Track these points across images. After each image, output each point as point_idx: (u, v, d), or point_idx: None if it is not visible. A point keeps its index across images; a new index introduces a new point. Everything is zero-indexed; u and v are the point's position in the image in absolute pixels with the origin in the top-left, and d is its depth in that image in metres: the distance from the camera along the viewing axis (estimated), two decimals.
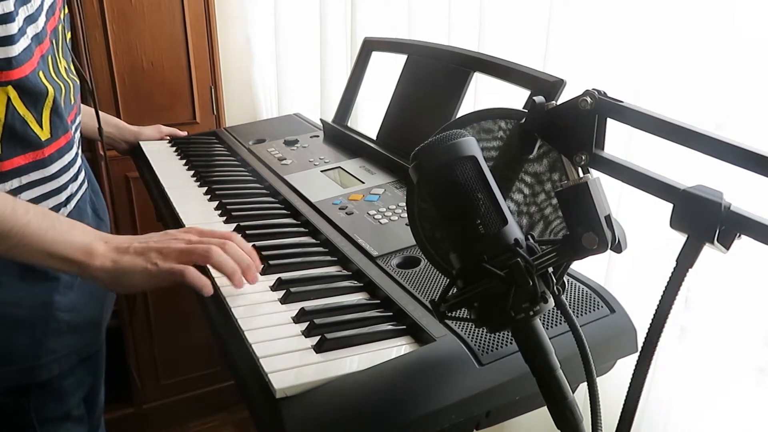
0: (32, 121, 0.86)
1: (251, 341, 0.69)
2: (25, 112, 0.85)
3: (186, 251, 0.79)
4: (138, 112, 1.83)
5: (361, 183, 1.13)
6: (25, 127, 0.85)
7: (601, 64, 0.97)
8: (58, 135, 0.91)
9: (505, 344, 0.67)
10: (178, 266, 0.78)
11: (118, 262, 0.77)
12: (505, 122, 0.63)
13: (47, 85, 0.88)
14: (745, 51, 0.80)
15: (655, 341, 0.51)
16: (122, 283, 0.79)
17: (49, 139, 0.89)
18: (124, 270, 0.77)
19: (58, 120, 0.90)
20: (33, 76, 0.84)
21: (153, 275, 0.78)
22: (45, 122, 0.88)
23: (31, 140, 0.86)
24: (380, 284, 0.79)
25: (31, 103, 0.86)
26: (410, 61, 1.22)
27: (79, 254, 0.77)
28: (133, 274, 0.78)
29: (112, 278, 0.78)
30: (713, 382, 0.89)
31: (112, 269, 0.77)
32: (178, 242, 0.80)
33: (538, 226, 0.63)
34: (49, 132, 0.89)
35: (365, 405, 0.61)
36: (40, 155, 0.88)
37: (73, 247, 0.77)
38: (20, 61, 0.81)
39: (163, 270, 0.77)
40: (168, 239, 0.81)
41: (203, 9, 1.83)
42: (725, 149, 0.49)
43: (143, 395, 2.08)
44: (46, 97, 0.88)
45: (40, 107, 0.87)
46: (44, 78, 0.88)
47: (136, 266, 0.77)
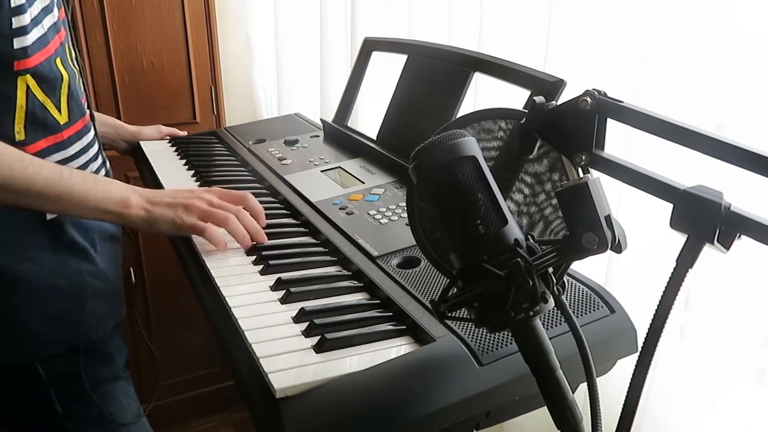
0: (51, 106, 0.94)
1: (251, 341, 0.69)
2: (44, 99, 0.93)
3: (207, 213, 0.93)
4: (138, 112, 1.83)
5: (362, 183, 1.13)
6: (45, 113, 0.93)
7: (601, 64, 0.97)
8: (76, 118, 0.99)
9: (505, 344, 0.67)
10: (200, 223, 0.92)
11: (150, 211, 0.92)
12: (505, 122, 0.63)
13: (62, 71, 0.94)
14: (745, 51, 0.80)
15: (655, 341, 0.51)
16: (153, 229, 0.94)
17: (67, 123, 0.97)
18: (156, 218, 0.92)
19: (74, 104, 0.98)
20: (47, 63, 0.91)
21: (178, 226, 0.93)
22: (63, 107, 0.96)
23: (50, 124, 0.94)
24: (380, 284, 0.79)
25: (49, 89, 0.93)
26: (410, 61, 1.22)
27: (118, 206, 0.91)
28: (162, 222, 0.93)
29: (145, 224, 0.93)
30: (713, 382, 0.89)
31: (145, 217, 0.92)
32: (201, 201, 0.94)
33: (538, 226, 0.63)
34: (67, 116, 0.97)
35: (365, 405, 0.61)
36: (59, 138, 0.96)
37: (113, 201, 0.91)
38: (34, 50, 0.88)
39: (187, 224, 0.92)
40: (193, 197, 0.94)
41: (203, 9, 1.83)
42: (725, 149, 0.49)
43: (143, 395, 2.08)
44: (62, 83, 0.95)
45: (57, 93, 0.95)
46: (61, 64, 0.95)
47: (166, 216, 0.92)
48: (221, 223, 0.92)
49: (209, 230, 0.92)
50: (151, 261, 1.94)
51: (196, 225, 0.92)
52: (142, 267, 1.94)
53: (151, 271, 1.96)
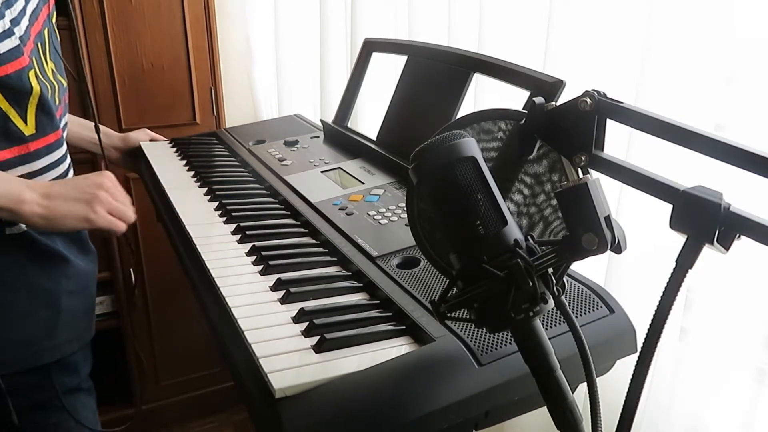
0: (15, 116, 0.92)
1: (251, 341, 0.69)
2: (8, 108, 0.90)
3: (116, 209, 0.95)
4: (138, 113, 1.83)
5: (361, 183, 1.13)
6: (7, 122, 0.91)
7: (601, 65, 0.97)
8: (47, 132, 0.97)
9: (504, 344, 0.67)
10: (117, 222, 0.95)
11: (50, 207, 0.89)
12: (504, 123, 0.63)
13: (34, 84, 0.92)
14: (745, 51, 0.80)
15: (654, 342, 0.51)
16: (57, 225, 0.91)
17: (34, 135, 0.95)
18: (61, 214, 0.90)
19: (46, 118, 0.96)
20: (16, 75, 0.89)
21: (91, 222, 0.92)
22: (30, 119, 0.94)
23: (13, 135, 0.92)
24: (380, 284, 0.79)
25: (14, 99, 0.91)
26: (410, 62, 1.22)
27: (9, 203, 0.87)
28: (69, 218, 0.91)
29: (44, 221, 0.90)
30: (713, 382, 0.89)
31: (44, 214, 0.89)
32: (109, 195, 0.94)
33: (538, 227, 0.63)
34: (34, 128, 0.95)
35: (364, 405, 0.61)
36: (25, 150, 0.94)
37: (4, 197, 0.87)
38: (3, 61, 0.87)
39: (104, 219, 0.93)
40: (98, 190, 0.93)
41: (203, 9, 1.83)
42: (725, 150, 0.49)
43: (143, 395, 2.08)
44: (31, 95, 0.92)
45: (24, 104, 0.92)
46: (35, 78, 0.92)
47: (75, 212, 0.91)
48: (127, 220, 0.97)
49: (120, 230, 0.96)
50: (151, 261, 1.94)
51: (112, 222, 0.94)
52: (142, 267, 1.94)
53: (151, 271, 1.96)
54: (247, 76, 2.02)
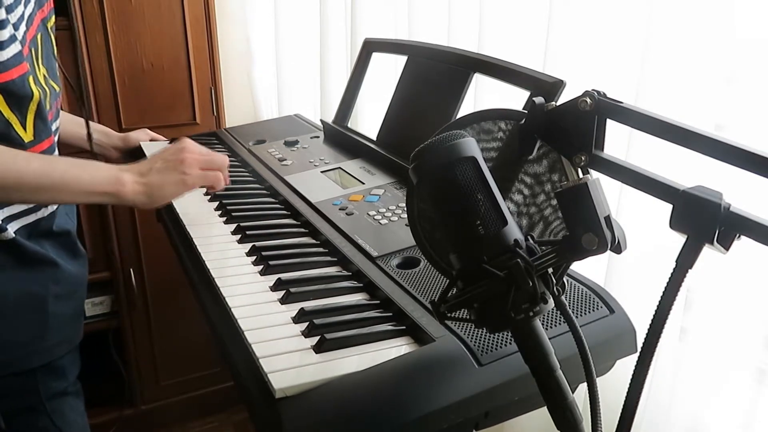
0: (16, 122, 0.92)
1: (251, 341, 0.69)
2: (10, 115, 0.90)
3: (206, 161, 0.98)
4: (138, 113, 1.83)
5: (362, 184, 1.13)
6: (9, 129, 0.91)
7: (601, 65, 0.97)
8: (42, 138, 0.97)
9: (504, 344, 0.67)
10: (210, 173, 0.97)
11: (147, 183, 0.93)
12: (504, 123, 0.63)
13: (34, 89, 0.92)
14: (745, 51, 0.80)
15: (654, 342, 0.51)
16: (158, 197, 0.95)
17: (32, 141, 0.95)
18: (159, 185, 0.94)
19: (41, 123, 0.96)
20: (20, 80, 0.89)
21: (189, 184, 0.96)
22: (29, 125, 0.94)
23: (14, 141, 0.92)
24: (380, 285, 0.79)
25: (16, 106, 0.91)
26: (410, 62, 1.22)
27: (113, 186, 0.91)
28: (166, 186, 0.94)
29: (147, 197, 0.93)
30: (713, 382, 0.89)
31: (144, 190, 0.93)
32: (192, 153, 0.97)
33: (538, 227, 0.63)
34: (32, 134, 0.95)
35: (364, 405, 0.61)
36: None
37: (106, 182, 0.91)
38: (8, 66, 0.87)
39: (197, 176, 0.96)
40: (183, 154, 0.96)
41: (203, 10, 1.83)
42: (725, 150, 0.49)
43: (143, 396, 2.08)
44: (31, 101, 0.92)
45: (24, 110, 0.92)
46: (33, 83, 0.92)
47: (170, 180, 0.94)
48: (221, 168, 0.99)
49: (220, 179, 0.98)
50: (151, 261, 1.94)
51: (206, 176, 0.97)
52: (142, 267, 1.94)
53: (151, 271, 1.96)
54: (247, 76, 2.02)
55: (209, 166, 0.98)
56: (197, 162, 0.96)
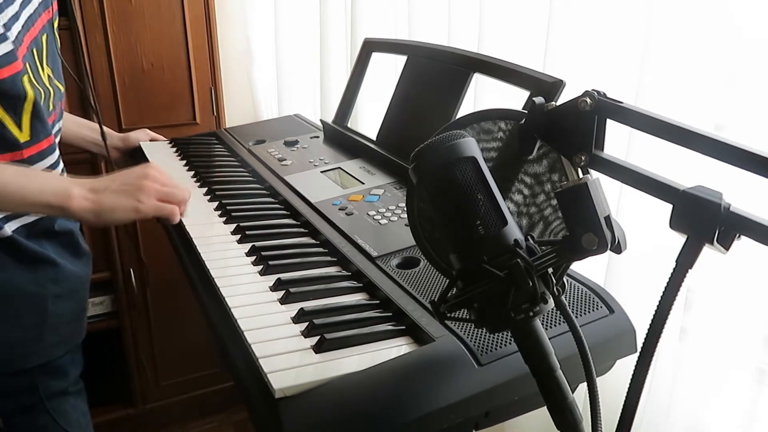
0: (9, 122, 0.91)
1: (250, 341, 0.69)
2: (3, 114, 0.90)
3: (165, 193, 0.93)
4: (138, 113, 1.83)
5: (361, 184, 1.13)
6: (3, 129, 0.91)
7: (601, 65, 0.97)
8: (40, 138, 0.96)
9: (504, 344, 0.67)
10: (166, 206, 0.92)
11: (97, 201, 0.88)
12: (504, 123, 0.63)
13: (28, 89, 0.92)
14: (745, 51, 0.80)
15: (654, 342, 0.51)
16: (106, 219, 0.90)
17: (28, 141, 0.94)
18: (109, 207, 0.89)
19: (39, 124, 0.95)
20: (11, 80, 0.89)
21: (140, 212, 0.90)
22: (25, 125, 0.93)
23: (8, 141, 0.92)
24: (380, 285, 0.79)
25: (10, 105, 0.90)
26: (410, 62, 1.22)
27: (58, 199, 0.86)
28: (118, 210, 0.89)
29: (94, 215, 0.88)
30: (713, 382, 0.89)
31: (92, 208, 0.88)
32: (153, 182, 0.92)
33: (538, 227, 0.63)
34: (29, 134, 0.94)
35: (364, 405, 0.61)
36: (18, 156, 0.93)
37: (52, 194, 0.86)
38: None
39: (150, 207, 0.91)
40: (143, 179, 0.92)
41: (203, 10, 1.83)
42: (725, 150, 0.49)
43: (143, 395, 2.08)
44: (26, 101, 0.92)
45: (19, 110, 0.92)
46: (28, 83, 0.92)
47: (122, 204, 0.89)
48: (179, 203, 0.95)
49: (175, 214, 0.93)
50: (151, 261, 1.94)
51: (161, 208, 0.92)
52: (142, 267, 1.94)
53: (151, 271, 1.96)
54: (247, 76, 2.02)
55: (167, 199, 0.93)
56: (156, 192, 0.92)
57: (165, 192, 0.93)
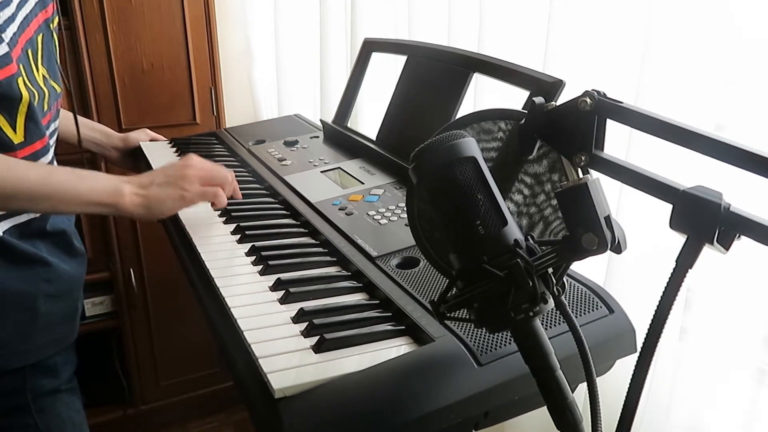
0: (5, 124, 0.91)
1: (250, 341, 0.69)
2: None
3: (208, 178, 0.98)
4: (138, 114, 1.83)
5: (361, 183, 1.13)
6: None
7: (601, 65, 0.97)
8: (33, 140, 0.96)
9: (504, 344, 0.67)
10: (209, 189, 0.97)
11: (146, 196, 0.93)
12: (504, 123, 0.63)
13: (23, 91, 0.91)
14: (745, 51, 0.80)
15: (654, 341, 0.51)
16: (157, 211, 0.95)
17: (22, 143, 0.94)
18: (158, 199, 0.94)
19: (33, 125, 0.95)
20: (6, 82, 0.88)
21: (187, 200, 0.96)
22: (19, 127, 0.93)
23: (2, 143, 0.91)
24: (379, 285, 0.79)
25: (4, 107, 0.90)
26: (410, 62, 1.22)
27: (111, 197, 0.91)
28: (167, 201, 0.94)
29: (145, 209, 0.93)
30: (713, 382, 0.89)
31: (143, 203, 0.93)
32: (195, 170, 0.97)
33: (538, 227, 0.63)
34: (23, 136, 0.93)
35: (364, 405, 0.61)
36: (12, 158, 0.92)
37: (105, 192, 0.91)
38: None
39: (196, 193, 0.96)
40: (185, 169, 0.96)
41: (203, 10, 1.83)
42: (725, 150, 0.49)
43: (143, 396, 2.08)
44: (21, 102, 0.91)
45: (14, 112, 0.91)
46: (23, 85, 0.91)
47: (169, 195, 0.94)
48: (222, 185, 1.00)
49: (220, 195, 0.99)
50: (151, 261, 1.94)
51: (206, 192, 0.97)
52: (142, 267, 1.94)
53: (151, 271, 1.96)
54: (247, 76, 2.02)
55: (210, 182, 0.98)
56: (198, 178, 0.97)
57: (207, 176, 0.98)
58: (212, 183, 0.99)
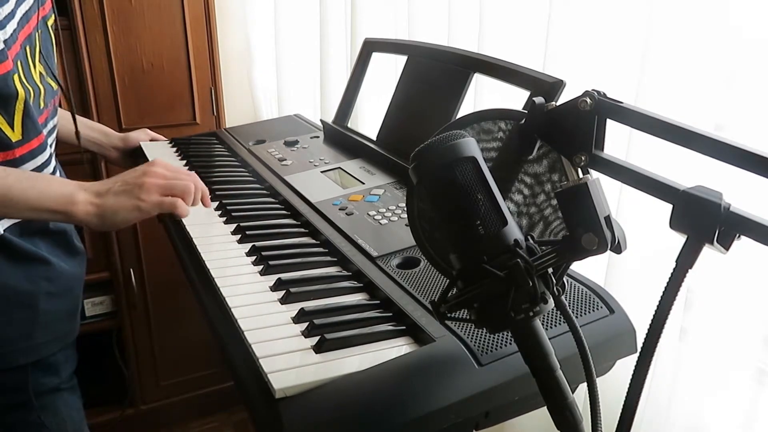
0: (2, 122, 0.90)
1: (251, 341, 0.69)
2: None
3: (168, 186, 0.90)
4: (138, 114, 1.83)
5: (361, 183, 1.13)
6: None
7: (601, 65, 0.97)
8: (30, 137, 0.95)
9: (504, 344, 0.67)
10: (167, 199, 0.89)
11: (101, 205, 0.87)
12: (504, 123, 0.63)
13: (19, 88, 0.91)
14: (745, 51, 0.80)
15: (654, 342, 0.51)
16: (110, 222, 0.88)
17: (20, 141, 0.93)
18: (113, 210, 0.87)
19: (30, 122, 0.94)
20: (2, 79, 0.88)
21: (143, 210, 0.88)
22: (17, 124, 0.92)
23: (1, 141, 0.90)
24: (380, 285, 0.79)
25: (1, 104, 0.89)
26: (410, 62, 1.22)
27: (62, 205, 0.85)
28: (120, 211, 0.87)
29: (99, 219, 0.87)
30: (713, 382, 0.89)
31: (96, 212, 0.87)
32: (155, 177, 0.89)
33: (538, 227, 0.63)
34: (20, 134, 0.93)
35: (365, 405, 0.61)
36: (10, 155, 0.92)
37: (55, 200, 0.85)
38: None
39: (152, 203, 0.88)
40: (144, 176, 0.89)
41: (203, 10, 1.83)
42: (725, 150, 0.49)
43: (143, 396, 2.08)
44: (17, 100, 0.91)
45: (11, 110, 0.91)
46: (19, 81, 0.91)
47: (124, 205, 0.87)
48: (183, 195, 0.91)
49: (180, 206, 0.90)
50: (151, 261, 1.94)
51: (163, 202, 0.89)
52: (142, 267, 1.94)
53: (151, 271, 1.96)
54: (247, 76, 2.02)
55: (170, 191, 0.90)
56: (157, 187, 0.89)
57: (167, 185, 0.90)
58: (172, 192, 0.91)
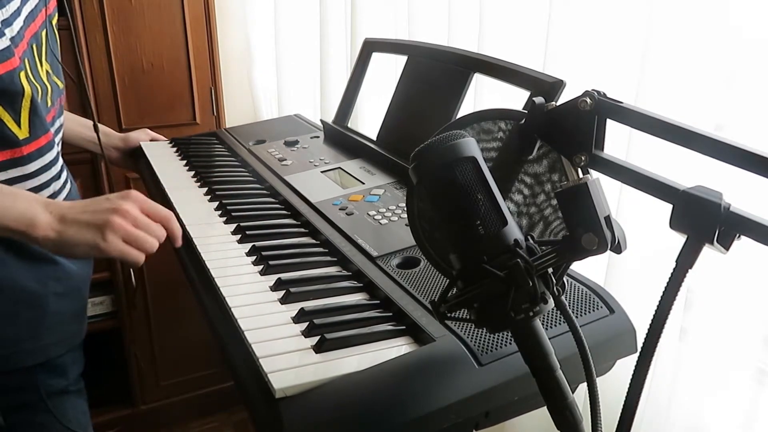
0: (9, 120, 0.89)
1: (251, 341, 0.69)
2: (2, 112, 0.88)
3: (134, 236, 0.82)
4: (138, 113, 1.83)
5: (361, 183, 1.13)
6: (2, 126, 0.89)
7: (601, 65, 0.97)
8: (38, 135, 0.95)
9: (504, 344, 0.67)
10: (131, 252, 0.82)
11: (62, 233, 0.80)
12: (504, 123, 0.63)
13: (25, 85, 0.90)
14: (745, 51, 0.80)
15: (654, 342, 0.51)
16: (68, 252, 0.82)
17: (27, 138, 0.93)
18: (73, 241, 0.80)
19: (37, 120, 0.94)
20: (8, 76, 0.87)
21: (102, 251, 0.81)
22: (24, 122, 0.91)
23: (7, 139, 0.90)
24: (380, 284, 0.79)
25: (7, 102, 0.89)
26: (410, 62, 1.22)
27: (21, 225, 0.79)
28: (80, 245, 0.80)
29: (56, 247, 0.81)
30: (713, 382, 0.89)
31: (55, 239, 0.80)
32: (125, 219, 0.82)
33: (538, 227, 0.63)
34: (27, 131, 0.92)
35: (364, 405, 0.61)
36: (18, 153, 0.92)
37: (14, 219, 0.79)
38: None
39: (114, 249, 0.81)
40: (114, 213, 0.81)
41: (203, 10, 1.83)
42: (725, 150, 0.49)
43: (143, 396, 2.08)
44: (23, 97, 0.90)
45: (17, 107, 0.90)
46: (25, 79, 0.91)
47: (84, 240, 0.80)
48: (146, 249, 0.84)
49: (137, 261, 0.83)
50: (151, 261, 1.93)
51: (124, 252, 0.81)
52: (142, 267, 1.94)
53: (151, 271, 1.96)
54: (247, 76, 2.02)
55: (134, 243, 0.82)
56: (123, 232, 0.81)
57: (133, 235, 0.82)
58: (137, 245, 0.83)
